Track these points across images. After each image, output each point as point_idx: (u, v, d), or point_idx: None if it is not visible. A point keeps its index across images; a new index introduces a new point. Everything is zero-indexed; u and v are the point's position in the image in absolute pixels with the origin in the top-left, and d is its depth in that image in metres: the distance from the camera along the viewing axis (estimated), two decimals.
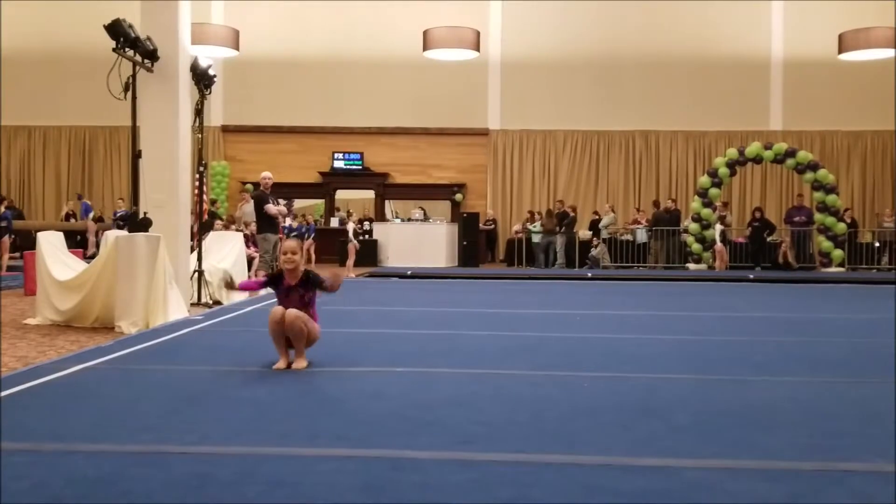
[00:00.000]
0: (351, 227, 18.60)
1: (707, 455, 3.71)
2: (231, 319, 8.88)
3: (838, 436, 4.09)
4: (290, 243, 6.04)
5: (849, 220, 19.81)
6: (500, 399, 4.87)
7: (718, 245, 18.90)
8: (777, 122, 23.25)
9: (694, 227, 19.45)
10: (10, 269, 15.30)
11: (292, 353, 5.87)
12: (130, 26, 9.01)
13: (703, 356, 6.62)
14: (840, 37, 20.11)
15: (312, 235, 19.21)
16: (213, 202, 20.98)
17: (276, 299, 6.15)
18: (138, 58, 9.36)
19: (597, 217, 21.36)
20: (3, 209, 15.80)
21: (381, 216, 23.44)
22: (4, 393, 4.86)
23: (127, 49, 9.05)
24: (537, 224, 20.79)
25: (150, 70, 9.70)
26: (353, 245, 18.26)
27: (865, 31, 19.35)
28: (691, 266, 19.29)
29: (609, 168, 23.56)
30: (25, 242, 18.36)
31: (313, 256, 19.14)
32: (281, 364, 5.77)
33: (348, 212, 20.91)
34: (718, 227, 18.92)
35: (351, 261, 18.20)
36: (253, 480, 3.28)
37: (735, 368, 6.04)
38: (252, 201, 18.09)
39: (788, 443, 3.95)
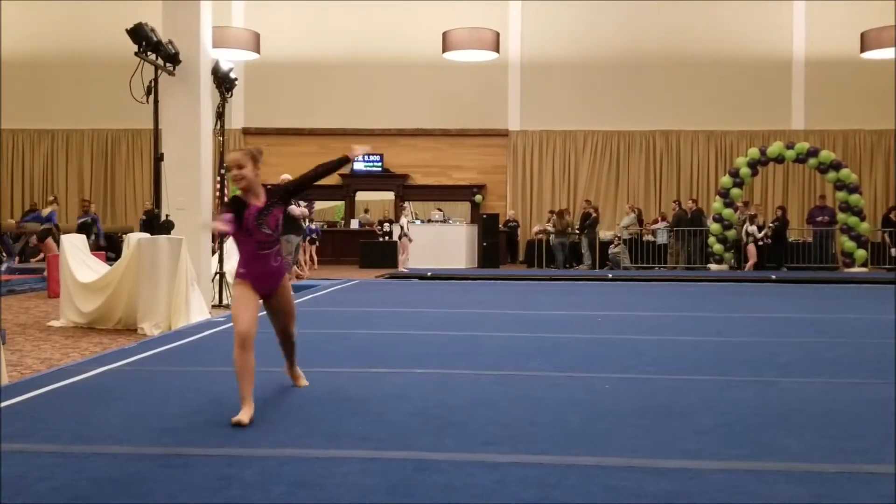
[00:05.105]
0: (404, 221, 18.35)
1: (730, 457, 3.69)
2: None
3: (863, 438, 4.05)
4: (234, 154, 4.63)
5: (894, 219, 19.65)
6: (522, 400, 4.86)
7: (751, 245, 18.83)
8: (799, 121, 23.04)
9: (715, 227, 19.33)
10: (33, 271, 15.40)
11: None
12: (152, 30, 9.09)
13: (726, 357, 6.58)
14: (862, 35, 19.91)
15: (312, 237, 18.65)
16: None
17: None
18: (160, 61, 9.44)
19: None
20: (49, 210, 15.41)
21: (400, 217, 23.43)
22: (29, 395, 4.90)
23: (149, 53, 9.13)
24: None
25: (171, 74, 9.78)
26: (405, 240, 17.96)
27: (888, 30, 19.15)
28: (713, 267, 19.17)
29: (629, 168, 23.45)
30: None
31: (316, 259, 18.95)
32: (244, 416, 4.23)
33: (402, 206, 20.57)
34: (748, 226, 18.85)
35: (403, 256, 17.98)
36: (276, 482, 3.29)
37: (758, 369, 6.00)
38: None
39: (812, 444, 3.92)
